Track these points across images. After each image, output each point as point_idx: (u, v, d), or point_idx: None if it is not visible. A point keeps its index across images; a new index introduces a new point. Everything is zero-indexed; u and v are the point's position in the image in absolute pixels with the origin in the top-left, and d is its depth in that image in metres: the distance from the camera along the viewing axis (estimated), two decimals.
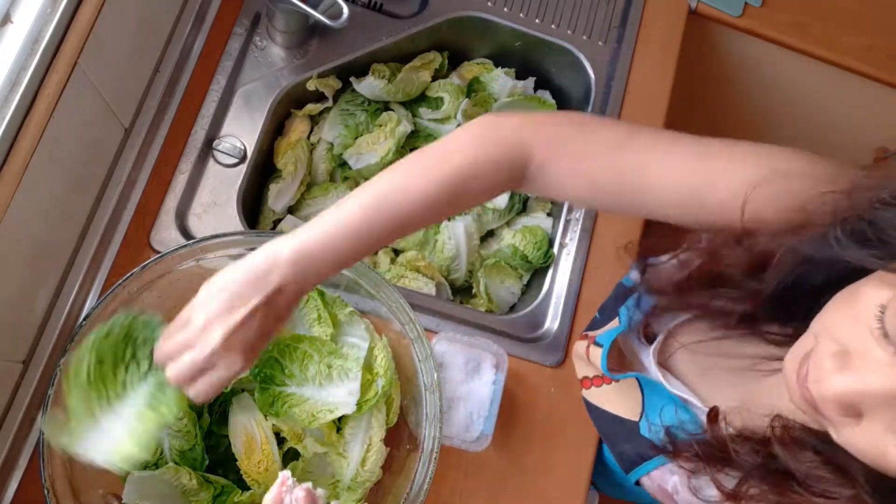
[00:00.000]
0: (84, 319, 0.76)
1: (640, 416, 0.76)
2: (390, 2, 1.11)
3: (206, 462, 0.82)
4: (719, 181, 0.61)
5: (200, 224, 0.95)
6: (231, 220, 0.96)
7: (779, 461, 0.57)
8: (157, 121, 0.96)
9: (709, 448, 0.63)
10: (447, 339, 0.92)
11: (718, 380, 0.70)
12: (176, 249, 0.79)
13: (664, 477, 0.73)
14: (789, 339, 0.59)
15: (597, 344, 0.79)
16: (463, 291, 1.12)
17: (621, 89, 1.12)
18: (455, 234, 1.06)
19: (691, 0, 1.19)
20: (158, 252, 0.90)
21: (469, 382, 0.91)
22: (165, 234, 0.93)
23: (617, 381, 0.79)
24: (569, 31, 1.14)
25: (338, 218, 0.62)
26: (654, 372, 0.72)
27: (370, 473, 0.82)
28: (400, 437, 0.87)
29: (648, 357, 0.73)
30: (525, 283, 1.12)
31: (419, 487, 0.78)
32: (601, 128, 0.67)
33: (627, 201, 0.65)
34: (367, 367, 0.85)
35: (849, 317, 0.49)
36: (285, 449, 0.84)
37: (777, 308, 0.60)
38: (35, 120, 0.71)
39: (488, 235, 1.15)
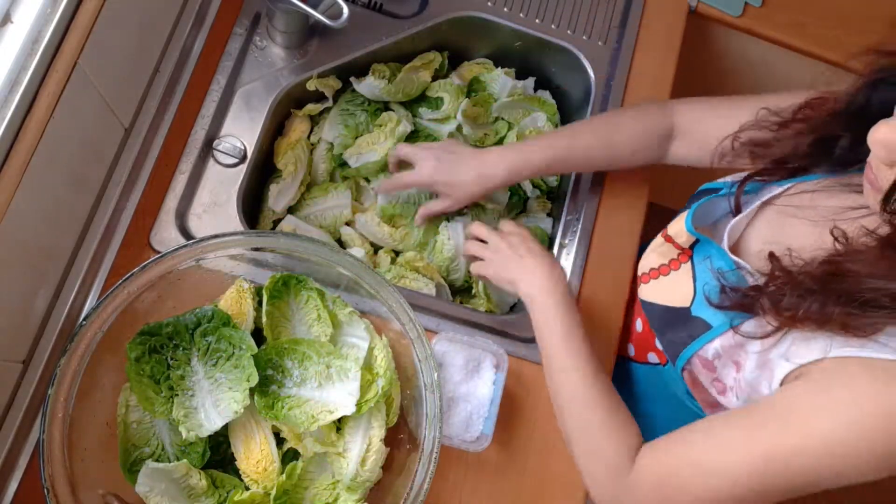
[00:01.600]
0: (84, 319, 0.76)
1: (692, 302, 0.82)
2: (390, 2, 1.11)
3: (208, 455, 0.82)
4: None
5: (200, 224, 0.96)
6: (231, 220, 0.96)
7: (840, 279, 0.64)
8: (157, 121, 0.96)
9: (773, 281, 0.70)
10: (447, 339, 0.92)
11: (798, 231, 0.77)
12: (176, 249, 0.79)
13: (707, 349, 0.79)
14: None
15: (684, 209, 0.86)
16: (463, 292, 1.12)
17: (621, 89, 1.12)
18: (455, 234, 1.06)
19: (691, 0, 1.19)
20: (158, 252, 0.90)
21: (469, 382, 0.91)
22: (165, 234, 0.93)
23: (676, 266, 0.87)
24: (569, 31, 1.14)
25: (537, 139, 1.01)
26: (724, 243, 0.80)
27: (370, 473, 0.82)
28: (400, 437, 0.87)
29: (726, 228, 0.81)
30: None
31: (419, 487, 0.78)
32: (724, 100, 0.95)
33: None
34: (367, 367, 0.85)
35: None
36: (285, 449, 0.84)
37: (854, 126, 0.73)
38: (35, 120, 0.71)
39: None
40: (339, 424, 0.84)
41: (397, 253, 1.09)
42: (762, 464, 0.64)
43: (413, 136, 1.12)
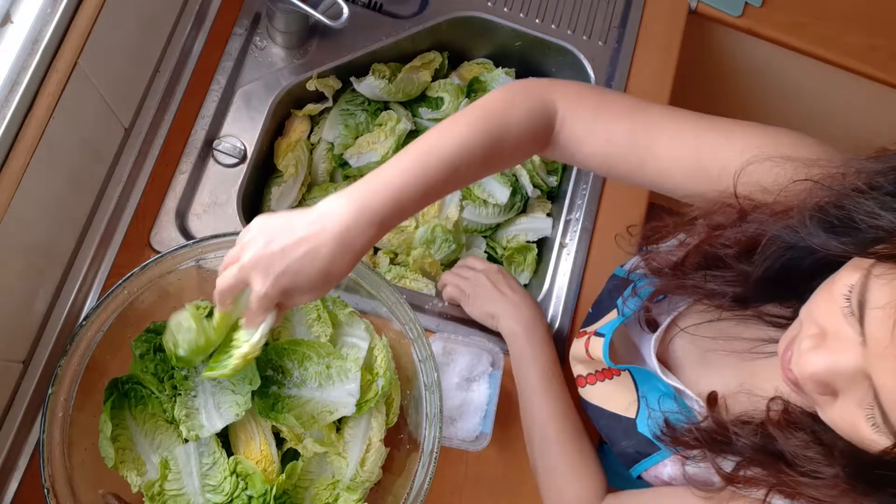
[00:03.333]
0: (84, 319, 0.76)
1: (636, 413, 0.78)
2: (390, 2, 1.11)
3: None
4: (717, 155, 0.64)
5: (200, 224, 0.95)
6: (231, 220, 0.96)
7: (776, 443, 0.58)
8: (157, 121, 0.96)
9: (709, 433, 0.65)
10: (443, 339, 0.92)
11: (718, 364, 0.71)
12: (176, 249, 0.79)
13: (660, 470, 0.75)
14: (788, 321, 0.60)
15: (598, 335, 0.80)
16: None
17: (621, 89, 1.12)
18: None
19: (691, 0, 1.19)
20: (158, 252, 0.90)
21: (466, 381, 0.92)
22: (165, 234, 0.93)
23: (617, 373, 0.80)
24: (569, 31, 1.14)
25: (392, 166, 0.65)
26: (652, 363, 0.74)
27: (370, 473, 0.82)
28: (400, 437, 0.87)
29: (649, 346, 0.75)
30: (521, 272, 1.12)
31: (419, 487, 0.78)
32: (618, 95, 0.74)
33: (636, 163, 0.69)
34: (368, 367, 0.85)
35: (826, 300, 0.52)
36: (285, 449, 0.84)
37: (769, 290, 0.62)
38: (35, 120, 0.71)
39: (490, 232, 1.15)
40: (339, 424, 0.84)
41: (396, 254, 1.09)
42: None
43: (413, 136, 1.12)
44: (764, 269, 0.60)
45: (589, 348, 0.81)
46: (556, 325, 1.00)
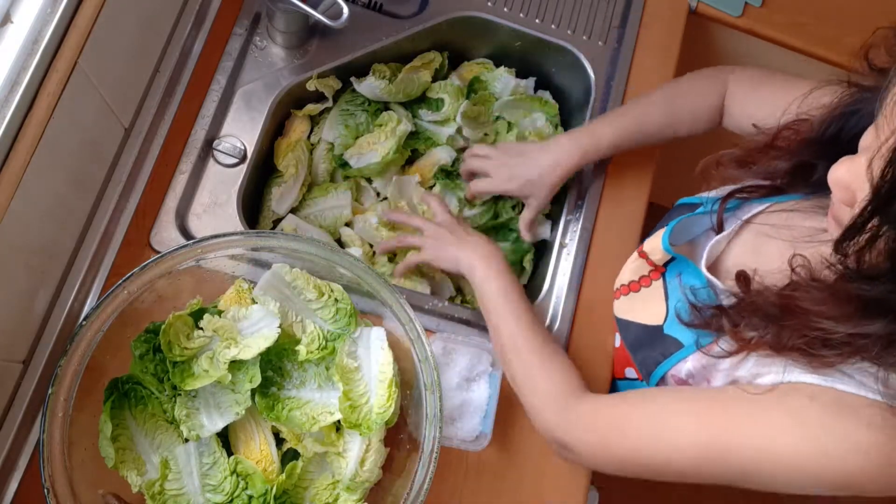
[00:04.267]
0: (84, 319, 0.76)
1: (664, 320, 0.83)
2: (390, 2, 1.11)
3: None
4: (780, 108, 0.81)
5: (200, 224, 0.96)
6: (231, 220, 0.96)
7: (795, 300, 0.64)
8: (157, 121, 0.96)
9: (733, 306, 0.72)
10: (443, 339, 0.92)
11: (771, 251, 0.77)
12: (176, 249, 0.79)
13: (679, 368, 0.80)
14: None
15: (662, 225, 0.88)
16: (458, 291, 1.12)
17: (621, 89, 1.12)
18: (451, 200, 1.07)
19: (691, 0, 1.19)
20: (158, 252, 0.90)
21: (466, 381, 0.92)
22: (165, 234, 0.93)
23: (647, 283, 0.88)
24: (569, 31, 1.14)
25: (608, 120, 1.02)
26: (704, 256, 0.81)
27: (369, 473, 0.82)
28: (400, 438, 0.87)
29: (709, 243, 0.82)
30: (521, 272, 1.12)
31: (419, 488, 0.78)
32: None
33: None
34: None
35: (869, 131, 0.59)
36: (285, 449, 0.84)
37: (826, 152, 0.72)
38: (35, 120, 0.71)
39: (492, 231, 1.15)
40: (339, 424, 0.84)
41: (395, 254, 1.09)
42: (704, 446, 0.67)
43: (413, 137, 1.12)
44: (823, 131, 0.72)
45: (645, 242, 0.88)
46: (557, 326, 1.00)
